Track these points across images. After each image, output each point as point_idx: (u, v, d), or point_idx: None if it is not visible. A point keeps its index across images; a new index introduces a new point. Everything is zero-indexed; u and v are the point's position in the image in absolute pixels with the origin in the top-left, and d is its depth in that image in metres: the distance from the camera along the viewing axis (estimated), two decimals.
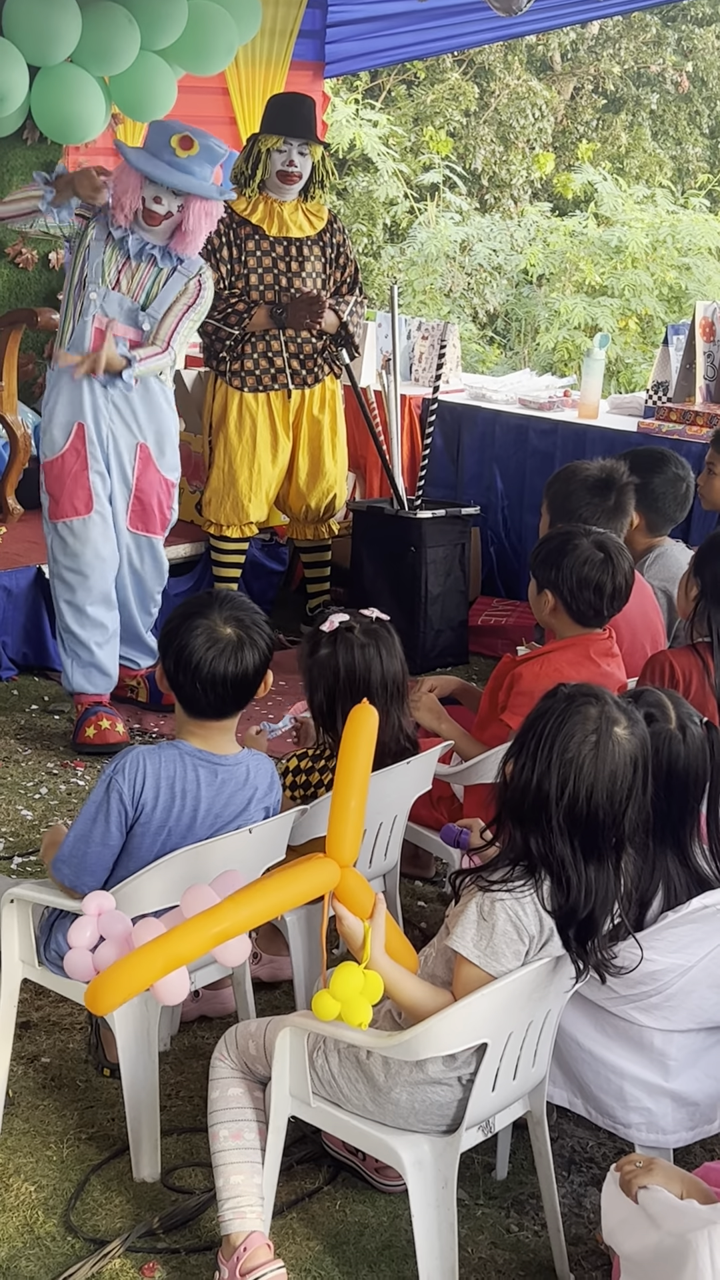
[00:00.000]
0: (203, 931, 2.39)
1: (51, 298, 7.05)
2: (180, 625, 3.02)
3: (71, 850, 2.99)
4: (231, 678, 2.99)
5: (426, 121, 13.43)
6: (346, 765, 2.46)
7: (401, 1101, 2.59)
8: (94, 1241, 2.86)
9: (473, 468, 6.88)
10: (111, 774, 2.98)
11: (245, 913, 2.41)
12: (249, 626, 3.02)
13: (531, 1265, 2.85)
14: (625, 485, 4.19)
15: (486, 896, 2.50)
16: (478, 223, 12.74)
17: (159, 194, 4.96)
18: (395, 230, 13.28)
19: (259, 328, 5.90)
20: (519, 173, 13.80)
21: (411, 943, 2.74)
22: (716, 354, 6.30)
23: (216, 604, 3.04)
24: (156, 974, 2.39)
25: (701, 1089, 2.86)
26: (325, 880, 2.44)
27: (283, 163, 5.84)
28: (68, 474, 5.11)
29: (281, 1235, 2.88)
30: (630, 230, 11.97)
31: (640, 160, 14.22)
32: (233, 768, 3.07)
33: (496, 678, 3.78)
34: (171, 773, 3.00)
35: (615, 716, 2.49)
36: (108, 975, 2.39)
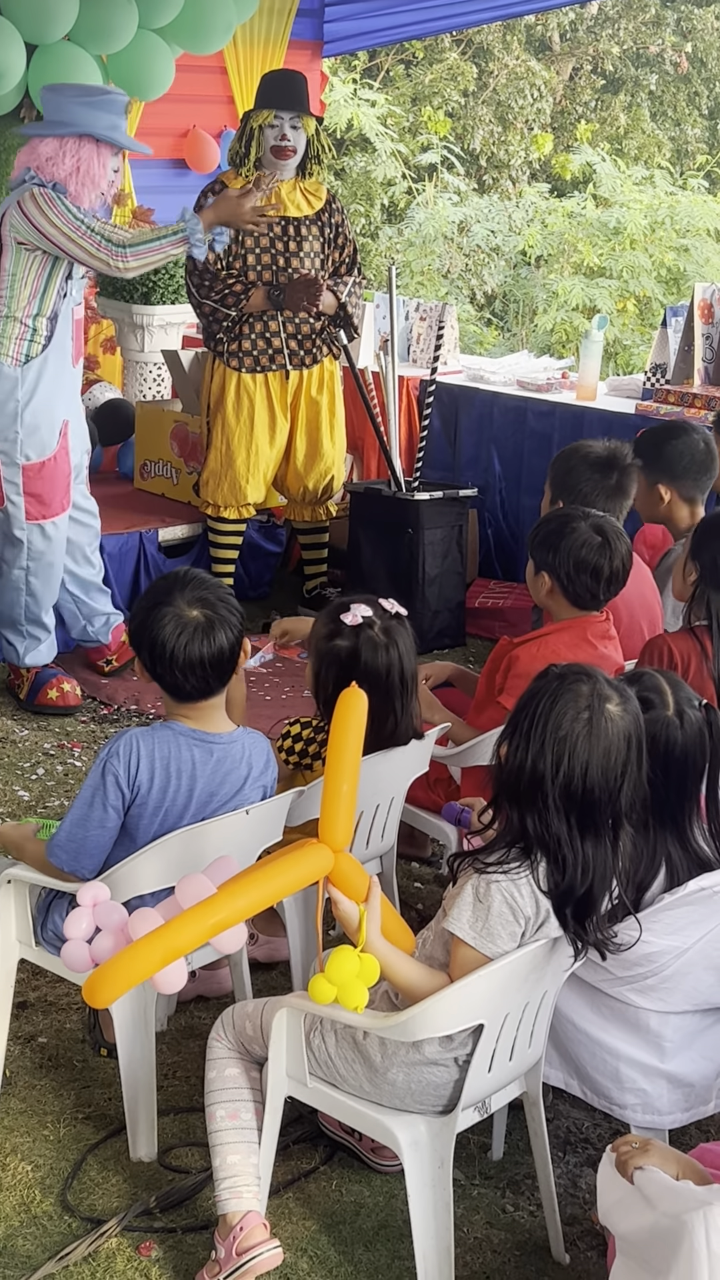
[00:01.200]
0: (201, 922, 2.40)
1: None
2: (148, 617, 3.01)
3: (69, 835, 2.99)
4: (209, 659, 2.99)
5: (425, 101, 13.39)
6: (337, 750, 2.46)
7: (398, 1082, 2.60)
8: (91, 1221, 2.87)
9: (470, 449, 6.87)
10: (106, 757, 2.98)
11: (242, 902, 2.42)
12: (215, 604, 3.01)
13: (527, 1245, 2.86)
14: (628, 466, 4.19)
15: (482, 878, 2.50)
16: (476, 203, 12.72)
17: (117, 164, 4.98)
18: (393, 211, 13.25)
19: (256, 309, 5.88)
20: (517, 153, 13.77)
21: (409, 925, 2.75)
22: (715, 336, 6.29)
23: (178, 588, 3.02)
24: (156, 966, 2.40)
25: (697, 1070, 2.87)
26: (319, 866, 2.45)
27: (276, 137, 5.81)
28: (59, 474, 5.08)
29: (278, 1215, 2.89)
30: (629, 211, 11.94)
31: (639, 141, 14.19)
32: (228, 745, 3.07)
33: (493, 660, 3.78)
34: (166, 753, 3.00)
35: (607, 694, 2.50)
36: (106, 968, 2.39)
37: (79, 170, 4.84)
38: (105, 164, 4.89)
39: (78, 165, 4.84)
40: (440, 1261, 2.59)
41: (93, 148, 4.85)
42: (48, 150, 4.85)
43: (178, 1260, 2.78)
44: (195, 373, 6.61)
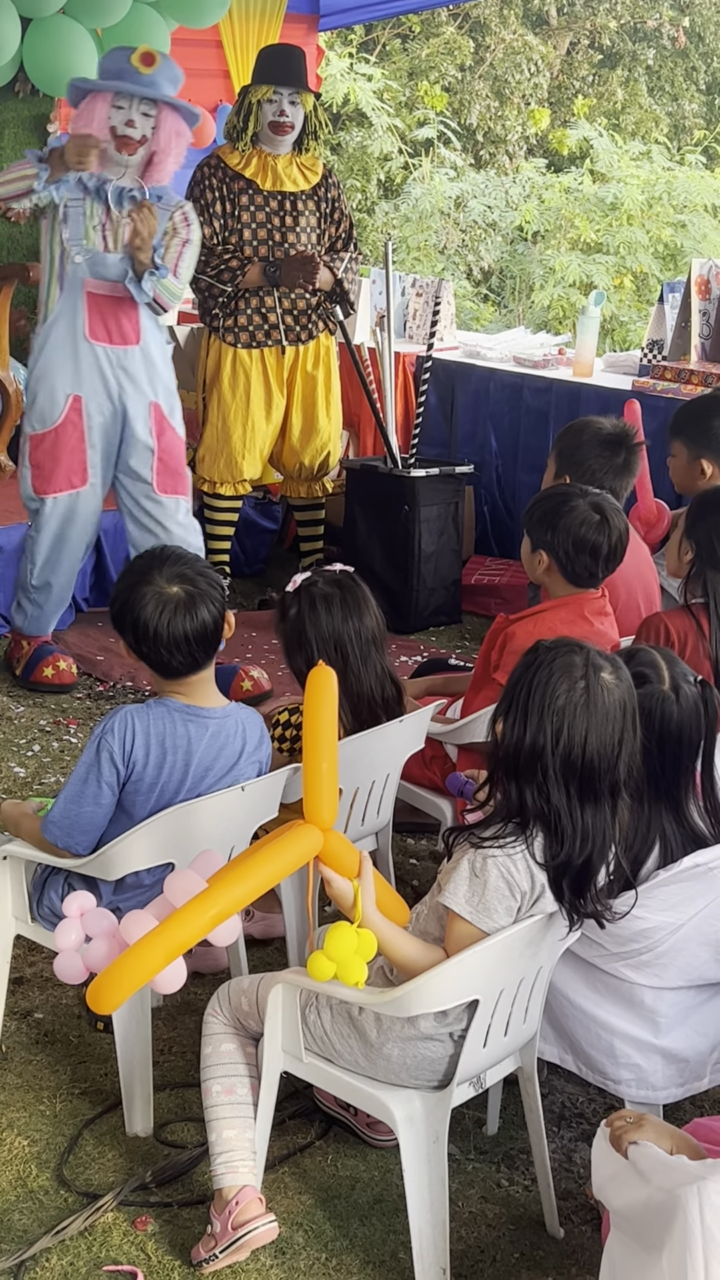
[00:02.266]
0: (198, 918, 2.40)
1: None
2: (128, 598, 3.01)
3: (63, 812, 2.99)
4: (193, 635, 2.99)
5: (421, 76, 13.33)
6: (312, 730, 2.46)
7: (393, 1057, 2.60)
8: (87, 1195, 2.88)
9: (467, 426, 6.86)
10: (101, 734, 2.98)
11: (238, 892, 2.43)
12: (194, 579, 3.01)
13: (521, 1219, 2.87)
14: (636, 445, 4.18)
15: (479, 853, 2.50)
16: (472, 179, 12.68)
17: (131, 116, 4.82)
18: (389, 186, 13.20)
19: (252, 284, 5.86)
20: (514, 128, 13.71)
21: (405, 900, 2.75)
22: (712, 312, 6.27)
23: (157, 566, 3.02)
24: (157, 967, 2.41)
25: (691, 1046, 2.88)
26: (309, 847, 2.45)
27: (274, 113, 5.78)
28: (63, 447, 5.02)
29: (273, 1189, 2.90)
30: (626, 187, 11.91)
31: (636, 116, 14.13)
32: (221, 719, 3.07)
33: (490, 637, 3.78)
34: (161, 729, 3.00)
35: (600, 663, 2.50)
36: (109, 973, 2.40)
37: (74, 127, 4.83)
38: (93, 114, 4.80)
39: (73, 122, 4.84)
40: (435, 1236, 2.60)
41: (88, 100, 4.81)
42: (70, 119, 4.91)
43: (174, 1234, 2.79)
44: (191, 349, 6.59)
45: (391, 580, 6.01)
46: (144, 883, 3.04)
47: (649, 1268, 2.07)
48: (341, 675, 3.39)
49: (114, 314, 4.98)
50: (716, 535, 3.59)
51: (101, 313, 4.96)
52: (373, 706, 3.46)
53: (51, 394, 5.00)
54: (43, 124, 6.92)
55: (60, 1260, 2.71)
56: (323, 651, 3.38)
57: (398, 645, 5.85)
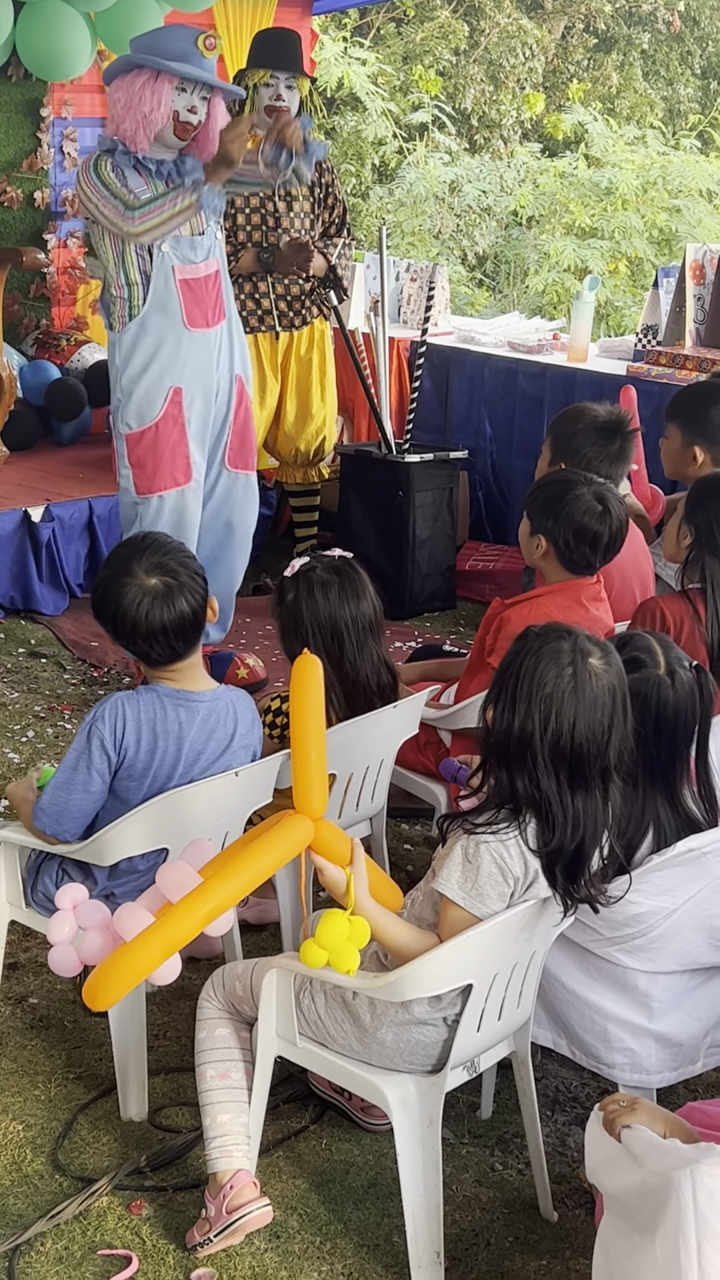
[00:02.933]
0: (194, 913, 2.41)
1: (36, 237, 6.99)
2: (108, 588, 3.01)
3: (51, 799, 2.99)
4: (171, 626, 2.98)
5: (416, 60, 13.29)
6: (300, 719, 2.46)
7: (387, 1042, 2.61)
8: (82, 1180, 2.88)
9: (461, 411, 6.85)
10: (92, 721, 2.97)
11: (232, 886, 2.43)
12: (175, 570, 3.00)
13: (515, 1203, 2.88)
14: (631, 432, 4.18)
15: (471, 839, 2.50)
16: (467, 163, 12.64)
17: (194, 102, 4.64)
18: (384, 171, 13.17)
19: (246, 270, 5.85)
20: (509, 113, 13.67)
21: (399, 886, 2.76)
22: (706, 297, 6.26)
23: (136, 557, 3.01)
24: (154, 964, 2.42)
25: (685, 1030, 2.88)
26: (301, 837, 2.46)
27: (270, 97, 5.76)
28: (164, 444, 4.84)
29: (268, 1173, 2.90)
30: (620, 172, 11.88)
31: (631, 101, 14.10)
32: (211, 703, 3.07)
33: (486, 622, 3.78)
34: (152, 715, 3.00)
35: (588, 649, 2.50)
36: (105, 970, 2.40)
37: (130, 106, 4.59)
38: (162, 98, 4.58)
39: (129, 101, 4.59)
40: (429, 1219, 2.61)
41: (148, 79, 4.58)
42: (113, 95, 4.66)
43: (168, 1218, 2.80)
44: None
45: (386, 566, 6.01)
46: (138, 868, 3.04)
47: (642, 1250, 2.07)
48: (337, 662, 3.40)
49: (203, 296, 4.83)
50: (716, 520, 3.59)
51: (195, 298, 4.81)
52: (367, 693, 3.46)
53: (151, 389, 4.81)
54: (36, 108, 6.90)
55: (55, 1244, 2.72)
56: (319, 637, 3.38)
57: (392, 631, 5.84)
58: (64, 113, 6.99)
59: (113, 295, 4.81)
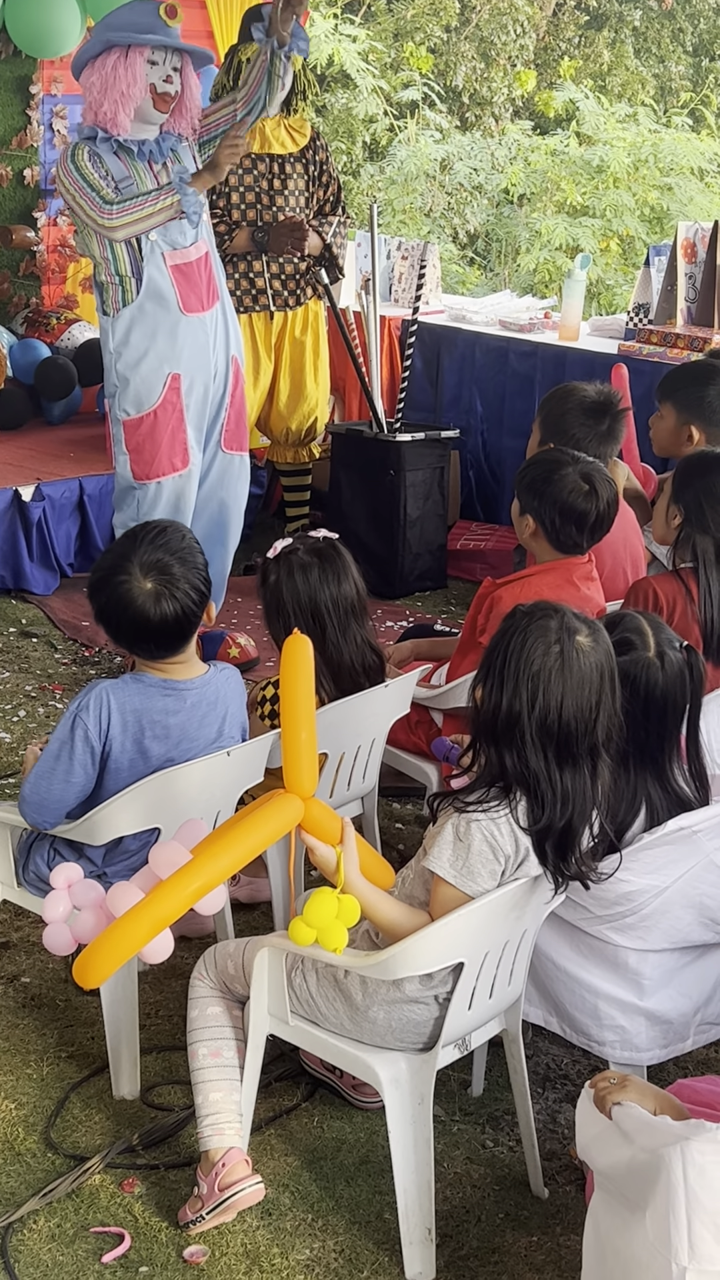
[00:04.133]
0: (183, 890, 2.41)
1: (26, 214, 6.97)
2: (103, 582, 2.97)
3: (33, 789, 2.97)
4: (162, 629, 2.95)
5: (407, 37, 13.23)
6: (290, 699, 2.46)
7: (379, 1020, 2.62)
8: (74, 1158, 2.89)
9: (452, 390, 6.84)
10: (76, 711, 2.94)
11: (221, 863, 2.43)
12: (172, 573, 2.94)
13: (506, 1180, 2.89)
14: (620, 412, 4.17)
15: (462, 817, 2.51)
16: (458, 141, 12.59)
17: (167, 72, 4.57)
18: (375, 148, 13.12)
19: (240, 250, 5.82)
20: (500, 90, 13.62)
21: (391, 865, 2.76)
22: (698, 275, 6.25)
23: (137, 551, 2.95)
24: (143, 940, 2.41)
25: (675, 1007, 2.89)
26: (290, 816, 2.46)
27: None
28: (163, 431, 4.81)
29: (260, 1151, 2.91)
30: (612, 149, 11.84)
31: (622, 78, 14.05)
32: (201, 689, 3.06)
33: (477, 601, 3.78)
34: (137, 705, 2.98)
35: (575, 627, 2.50)
36: (94, 948, 2.40)
37: (106, 87, 4.52)
38: (137, 73, 4.51)
39: (104, 83, 4.52)
40: (420, 1196, 2.62)
41: (119, 56, 4.51)
42: (86, 82, 4.58)
43: (160, 1196, 2.80)
44: None
45: (377, 545, 6.01)
46: (129, 848, 3.03)
47: (632, 1227, 2.08)
48: (319, 644, 3.40)
49: (196, 281, 4.78)
50: (706, 498, 3.59)
51: (189, 283, 4.77)
52: (354, 675, 3.46)
53: (149, 376, 4.77)
54: (25, 85, 6.87)
55: (48, 1222, 2.73)
56: (300, 619, 3.38)
57: (383, 610, 5.85)
58: (53, 90, 6.96)
59: (104, 280, 4.76)
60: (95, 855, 3.04)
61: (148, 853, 2.97)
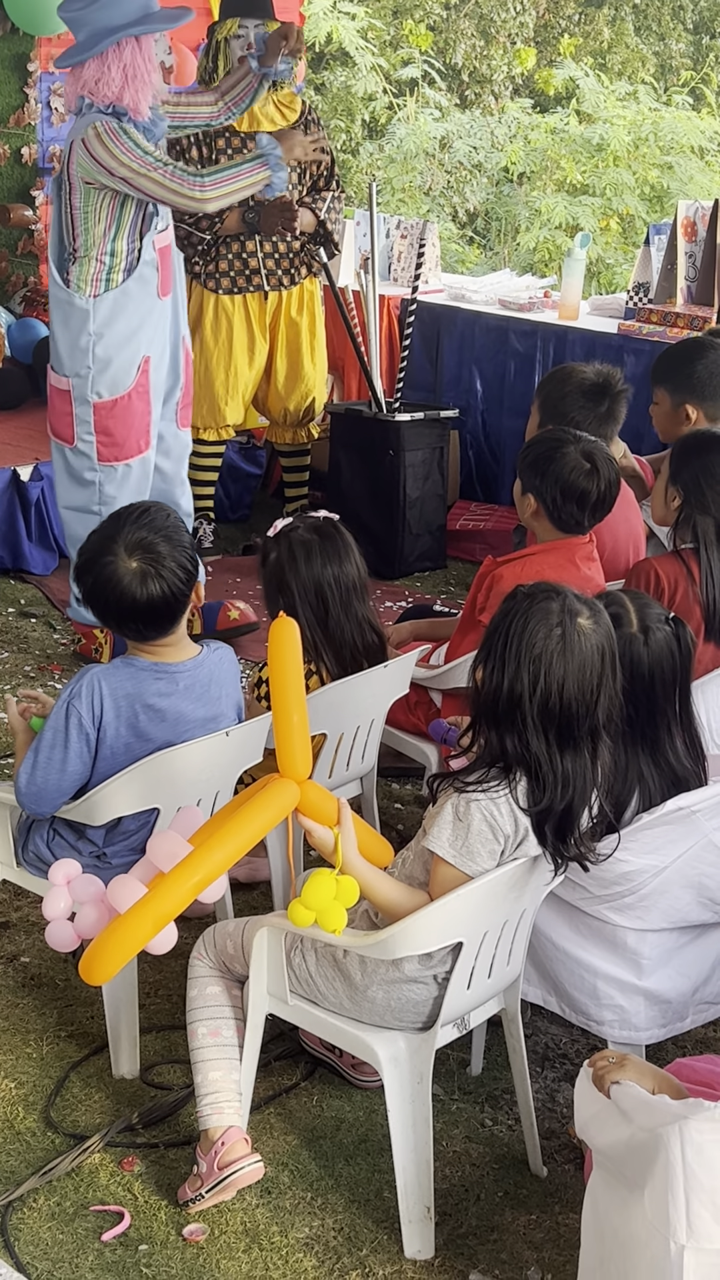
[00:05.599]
0: (184, 883, 2.42)
1: (24, 193, 6.93)
2: (88, 561, 2.95)
3: (29, 779, 2.96)
4: (147, 610, 2.92)
5: (406, 14, 13.17)
6: (280, 683, 2.45)
7: (378, 999, 2.62)
8: (74, 1137, 2.90)
9: (452, 370, 6.82)
10: (69, 698, 2.93)
11: (220, 855, 2.43)
12: (158, 552, 2.91)
13: (505, 1159, 2.90)
14: (619, 393, 4.16)
15: (462, 797, 2.51)
16: (458, 119, 12.54)
17: (167, 45, 4.70)
18: (374, 126, 13.07)
19: (232, 231, 5.79)
20: (500, 68, 13.56)
21: (389, 844, 2.76)
22: (698, 254, 6.23)
23: (124, 530, 2.93)
24: (148, 936, 2.42)
25: (674, 987, 2.90)
26: (287, 801, 2.46)
27: (242, 48, 5.66)
28: (134, 414, 4.80)
29: (259, 1130, 2.92)
30: (612, 128, 11.79)
31: (623, 56, 13.98)
32: (193, 672, 3.04)
33: (478, 580, 3.77)
34: (130, 689, 2.96)
35: (577, 609, 2.50)
36: (99, 945, 2.41)
37: (128, 78, 4.47)
38: (150, 57, 4.49)
39: (124, 73, 4.47)
40: (419, 1175, 2.63)
41: (133, 47, 4.47)
42: (92, 72, 4.48)
43: (160, 1175, 2.81)
44: None
45: (376, 526, 5.99)
46: (129, 829, 3.03)
47: (631, 1205, 2.09)
48: (322, 622, 3.40)
49: (168, 264, 4.80)
50: (704, 478, 3.58)
51: (165, 266, 4.78)
52: (354, 654, 3.46)
53: (130, 359, 4.75)
54: (23, 63, 6.84)
55: (48, 1200, 2.73)
56: (303, 599, 3.38)
57: (383, 591, 5.84)
58: (51, 68, 6.91)
59: (87, 258, 4.68)
60: (95, 836, 3.04)
61: (147, 833, 2.98)
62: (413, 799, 4.28)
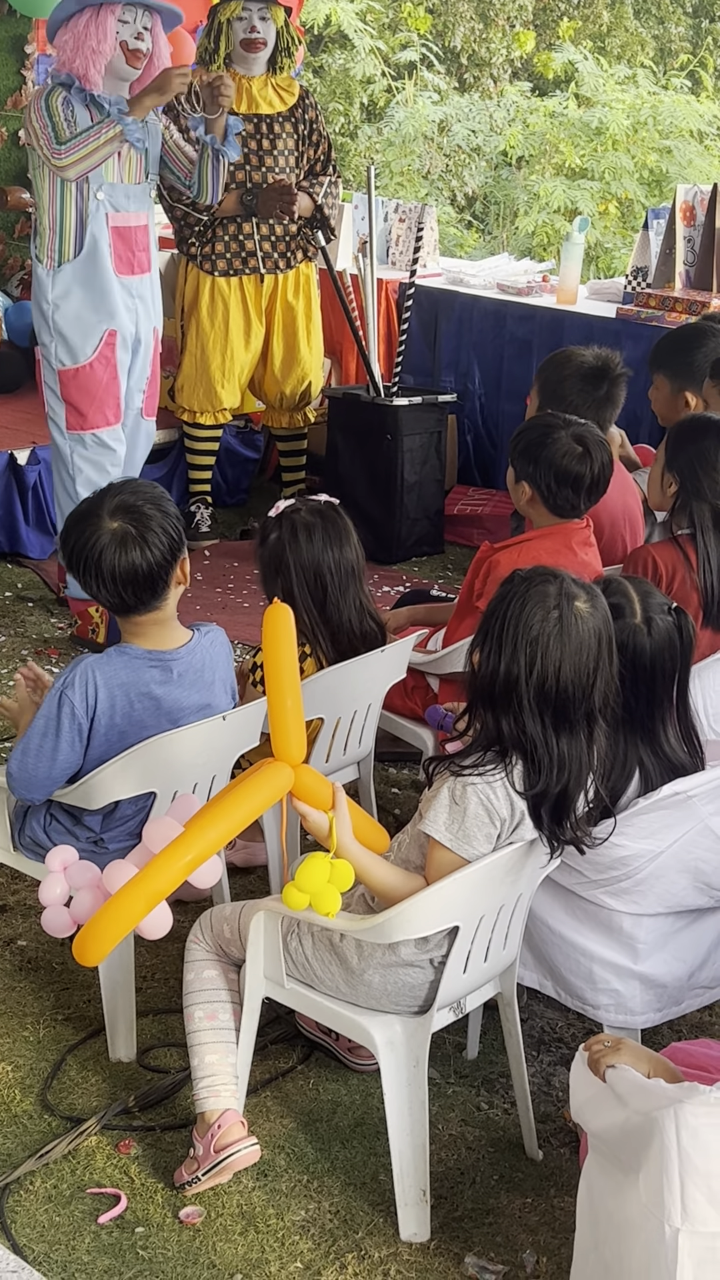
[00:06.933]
0: (175, 862, 2.40)
1: (21, 175, 6.91)
2: (70, 531, 2.94)
3: (19, 765, 2.95)
4: (126, 574, 2.89)
5: None
6: (274, 667, 2.45)
7: (374, 983, 2.62)
8: (70, 1120, 2.90)
9: (450, 354, 6.81)
10: (62, 687, 2.91)
11: (212, 835, 2.42)
12: (143, 516, 2.90)
13: (501, 1142, 2.91)
14: (618, 376, 4.15)
15: (458, 781, 2.51)
16: (456, 102, 12.51)
17: (139, 29, 4.65)
18: (372, 110, 13.03)
19: (228, 213, 5.78)
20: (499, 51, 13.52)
21: (386, 830, 2.76)
22: (697, 239, 6.22)
23: (105, 499, 2.92)
24: (140, 915, 2.41)
25: (669, 971, 2.90)
26: (281, 784, 2.45)
27: (245, 30, 5.67)
28: (97, 384, 4.90)
29: (255, 1113, 2.93)
30: (611, 111, 11.77)
31: (622, 39, 13.94)
32: (187, 658, 3.03)
33: (475, 565, 3.77)
34: (124, 679, 2.95)
35: (574, 592, 2.50)
36: (92, 926, 2.40)
37: (78, 45, 4.60)
38: (106, 28, 4.58)
39: (76, 40, 4.60)
40: (415, 1158, 2.63)
41: (90, 17, 4.59)
42: (59, 41, 4.67)
43: (156, 1158, 2.82)
44: (170, 275, 6.52)
45: (374, 510, 5.99)
46: (126, 814, 3.03)
47: (625, 1189, 2.10)
48: (320, 606, 3.40)
49: (131, 245, 4.87)
50: (700, 464, 3.58)
51: (125, 245, 4.86)
52: (351, 639, 3.46)
53: (86, 331, 4.84)
54: (20, 45, 6.82)
55: (44, 1183, 2.74)
56: (302, 580, 3.37)
57: (380, 575, 5.84)
58: (49, 50, 6.89)
59: (45, 229, 4.82)
60: (93, 822, 3.04)
61: (144, 818, 2.98)
62: (410, 783, 4.28)
